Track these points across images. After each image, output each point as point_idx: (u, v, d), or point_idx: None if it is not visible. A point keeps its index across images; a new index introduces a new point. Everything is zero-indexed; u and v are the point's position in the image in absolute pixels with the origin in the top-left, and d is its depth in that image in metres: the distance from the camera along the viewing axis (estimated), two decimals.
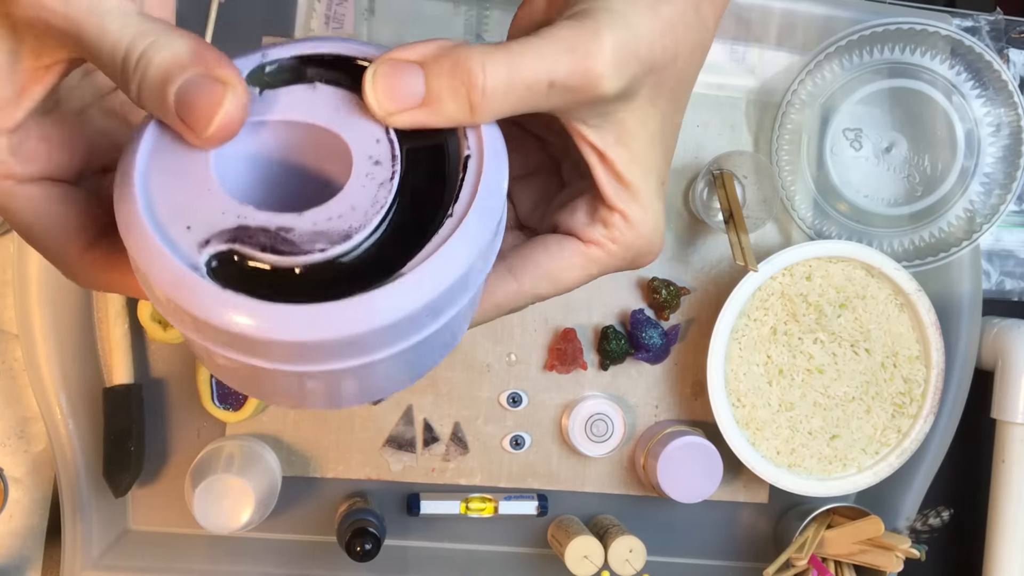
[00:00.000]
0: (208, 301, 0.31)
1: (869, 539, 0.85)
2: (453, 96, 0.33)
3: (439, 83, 0.33)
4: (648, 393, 0.88)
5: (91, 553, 0.80)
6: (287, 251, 0.32)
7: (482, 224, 0.33)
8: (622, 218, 0.39)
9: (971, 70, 0.84)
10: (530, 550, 0.88)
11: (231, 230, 0.32)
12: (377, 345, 0.32)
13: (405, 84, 0.33)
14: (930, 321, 0.84)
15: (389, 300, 0.31)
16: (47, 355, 0.78)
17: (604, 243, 0.39)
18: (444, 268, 0.32)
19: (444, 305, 0.33)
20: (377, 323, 0.31)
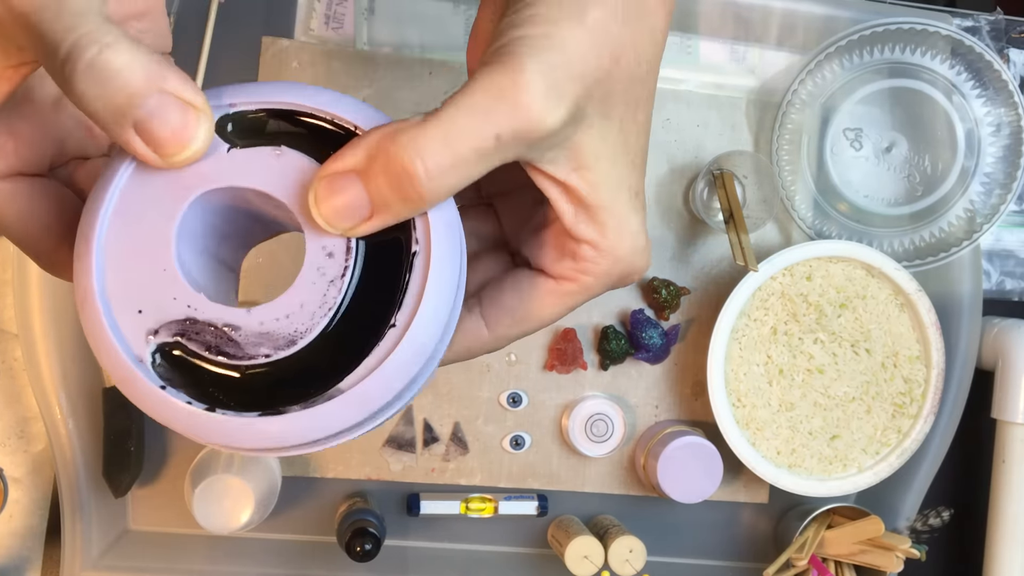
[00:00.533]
0: (149, 400, 0.32)
1: (869, 539, 0.85)
2: (398, 197, 0.32)
3: (380, 188, 0.32)
4: (648, 393, 0.88)
5: (91, 553, 0.80)
6: (231, 353, 0.32)
7: (427, 331, 0.33)
8: (591, 248, 0.36)
9: (971, 70, 0.84)
10: (530, 550, 0.88)
11: (180, 322, 0.32)
12: (315, 444, 0.33)
13: (348, 199, 0.32)
14: (930, 321, 0.84)
15: (326, 417, 0.32)
16: (47, 355, 0.78)
17: (576, 277, 0.37)
18: (384, 384, 0.32)
19: (385, 409, 0.33)
20: (311, 437, 0.32)
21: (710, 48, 0.86)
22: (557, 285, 0.38)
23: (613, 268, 0.37)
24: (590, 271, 0.37)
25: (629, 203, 0.37)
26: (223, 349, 0.32)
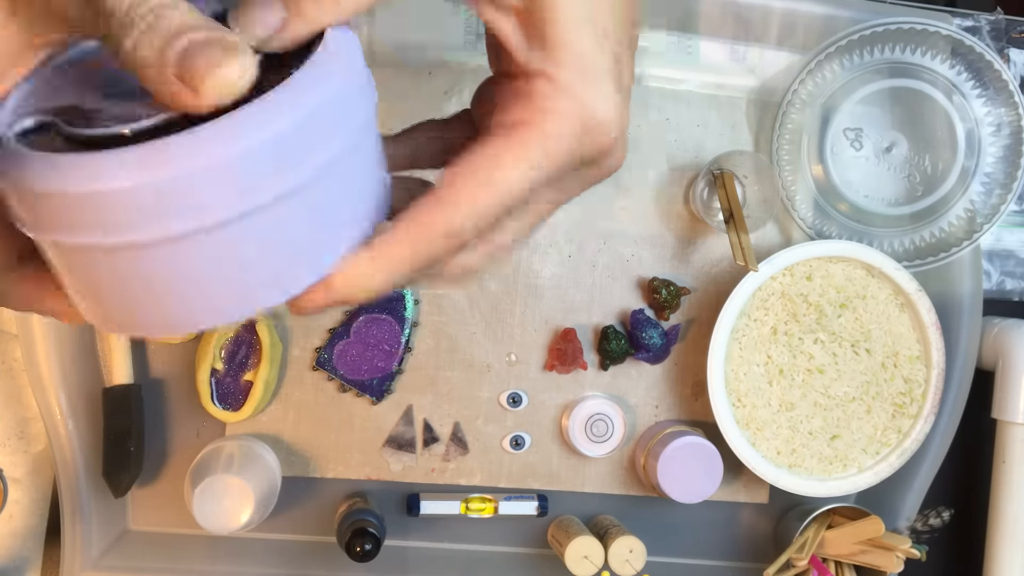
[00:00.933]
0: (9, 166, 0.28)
1: (869, 539, 0.85)
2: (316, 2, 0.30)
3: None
4: (648, 393, 0.88)
5: (91, 553, 0.80)
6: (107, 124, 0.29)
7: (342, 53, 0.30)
8: (545, 80, 0.32)
9: (972, 70, 0.84)
10: (530, 550, 0.88)
11: (57, 108, 0.30)
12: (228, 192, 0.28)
13: (264, 11, 0.31)
14: (930, 321, 0.84)
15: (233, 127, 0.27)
16: (47, 355, 0.78)
17: (531, 118, 0.31)
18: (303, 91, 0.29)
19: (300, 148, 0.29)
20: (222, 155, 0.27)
21: (710, 48, 0.86)
22: (510, 132, 0.32)
23: (573, 109, 0.32)
24: (547, 109, 0.32)
25: (593, 39, 0.32)
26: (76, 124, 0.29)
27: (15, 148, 0.28)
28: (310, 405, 0.84)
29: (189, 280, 0.29)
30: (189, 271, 0.29)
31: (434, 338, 0.85)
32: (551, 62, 0.32)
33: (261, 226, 0.29)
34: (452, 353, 0.85)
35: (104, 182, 0.27)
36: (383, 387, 0.84)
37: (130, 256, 0.28)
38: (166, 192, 0.27)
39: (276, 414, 0.84)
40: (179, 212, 0.27)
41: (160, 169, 0.27)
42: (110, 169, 0.27)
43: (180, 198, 0.27)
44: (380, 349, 0.83)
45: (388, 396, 0.85)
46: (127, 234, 0.28)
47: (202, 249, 0.28)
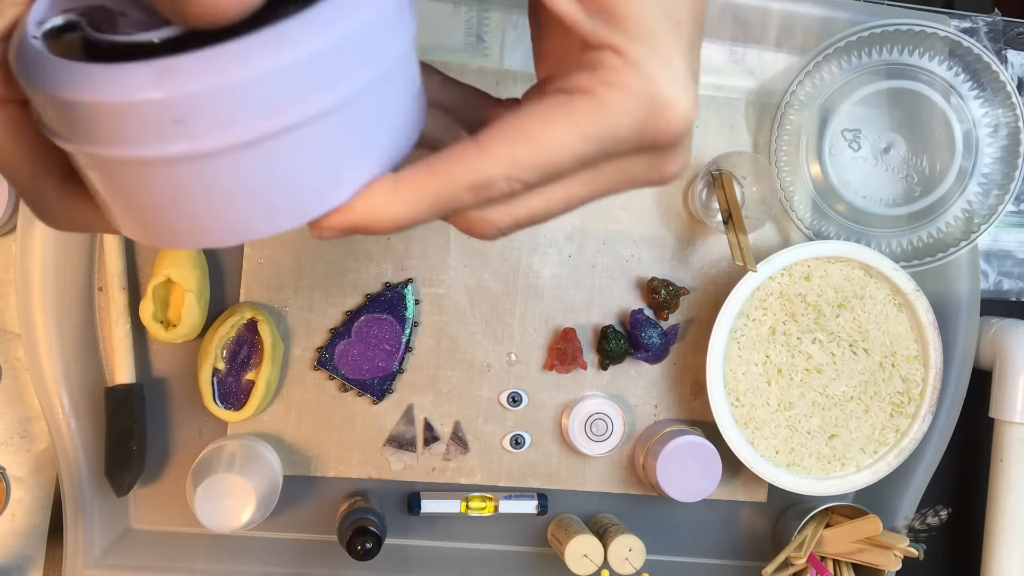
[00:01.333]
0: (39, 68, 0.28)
1: (867, 538, 0.85)
2: None
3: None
4: (647, 393, 0.88)
5: (93, 552, 0.80)
6: (134, 29, 0.28)
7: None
8: (613, 53, 0.29)
9: (969, 71, 0.84)
10: (530, 549, 0.88)
11: (83, 7, 0.29)
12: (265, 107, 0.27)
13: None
14: (928, 321, 0.85)
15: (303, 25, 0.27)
16: (49, 355, 0.78)
17: (594, 88, 0.29)
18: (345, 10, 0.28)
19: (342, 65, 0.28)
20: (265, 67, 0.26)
21: (709, 49, 0.86)
22: (570, 99, 0.29)
23: (641, 86, 0.29)
24: (613, 82, 0.29)
25: (666, 21, 0.30)
26: (102, 27, 0.29)
27: (46, 56, 0.28)
28: (311, 405, 0.85)
29: (218, 195, 0.28)
30: (218, 186, 0.28)
31: (435, 338, 0.85)
32: (620, 34, 0.29)
33: (292, 144, 0.28)
34: (453, 353, 0.86)
35: (143, 92, 0.26)
36: (384, 386, 0.84)
37: (164, 169, 0.28)
38: (204, 105, 0.26)
39: (277, 413, 0.84)
40: (212, 128, 0.27)
41: (201, 81, 0.26)
42: (147, 79, 0.26)
43: (215, 113, 0.27)
44: (381, 349, 0.84)
45: (389, 395, 0.85)
46: (164, 147, 0.27)
47: (232, 165, 0.28)
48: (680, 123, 0.30)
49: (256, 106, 0.27)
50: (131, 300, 0.81)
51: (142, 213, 0.30)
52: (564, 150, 0.30)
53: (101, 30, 0.29)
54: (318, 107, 0.28)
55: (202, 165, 0.27)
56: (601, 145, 0.30)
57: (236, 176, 0.28)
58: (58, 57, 0.28)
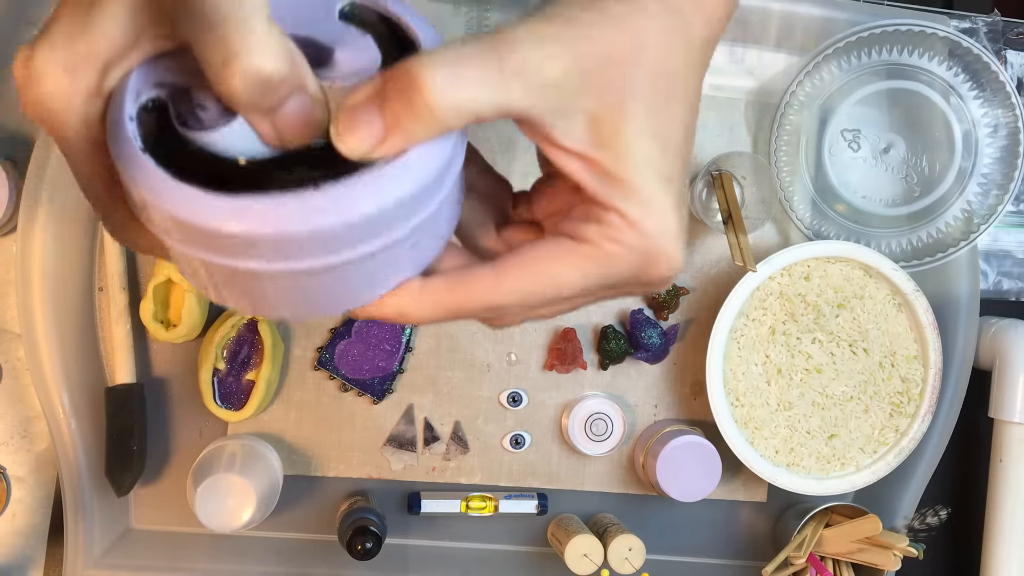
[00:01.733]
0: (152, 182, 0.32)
1: (867, 538, 0.85)
2: (410, 110, 0.33)
3: (392, 107, 0.33)
4: (647, 392, 0.88)
5: (93, 552, 0.80)
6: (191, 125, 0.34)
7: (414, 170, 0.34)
8: (617, 215, 0.35)
9: (969, 71, 0.84)
10: (530, 549, 0.88)
11: (170, 86, 0.34)
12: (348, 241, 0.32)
13: (366, 125, 0.33)
14: (928, 321, 0.85)
15: (367, 189, 0.32)
16: (49, 355, 0.78)
17: (599, 241, 0.36)
18: (416, 166, 0.33)
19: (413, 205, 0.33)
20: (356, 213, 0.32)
21: None
22: (577, 245, 0.36)
23: (638, 243, 0.36)
24: (615, 238, 0.35)
25: (658, 183, 0.36)
26: (188, 120, 0.34)
27: (140, 154, 0.32)
28: (311, 404, 0.85)
29: (273, 293, 0.34)
30: (274, 289, 0.34)
31: (435, 338, 0.86)
32: (621, 198, 0.35)
33: (340, 272, 0.34)
34: (452, 353, 0.86)
35: (223, 224, 0.31)
36: (384, 386, 0.84)
37: (228, 270, 0.33)
38: (274, 242, 0.32)
39: (278, 413, 0.84)
40: (276, 257, 0.32)
41: (273, 226, 0.31)
42: (228, 214, 0.31)
43: (282, 248, 0.32)
44: (381, 349, 0.84)
45: (389, 395, 0.85)
46: (231, 261, 0.32)
47: (290, 280, 0.33)
48: (669, 272, 0.36)
49: (315, 249, 0.32)
50: (131, 300, 0.81)
51: (205, 285, 0.35)
52: (570, 287, 0.36)
53: (187, 123, 0.34)
54: (369, 250, 0.33)
55: (261, 275, 0.33)
56: (601, 283, 0.36)
57: (291, 286, 0.34)
58: (147, 156, 0.32)
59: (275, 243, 0.31)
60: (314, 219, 0.31)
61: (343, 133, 0.33)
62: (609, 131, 0.35)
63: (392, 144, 0.33)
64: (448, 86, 0.33)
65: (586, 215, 0.36)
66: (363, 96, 0.34)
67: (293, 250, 0.32)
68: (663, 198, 0.36)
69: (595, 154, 0.35)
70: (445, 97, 0.33)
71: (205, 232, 0.31)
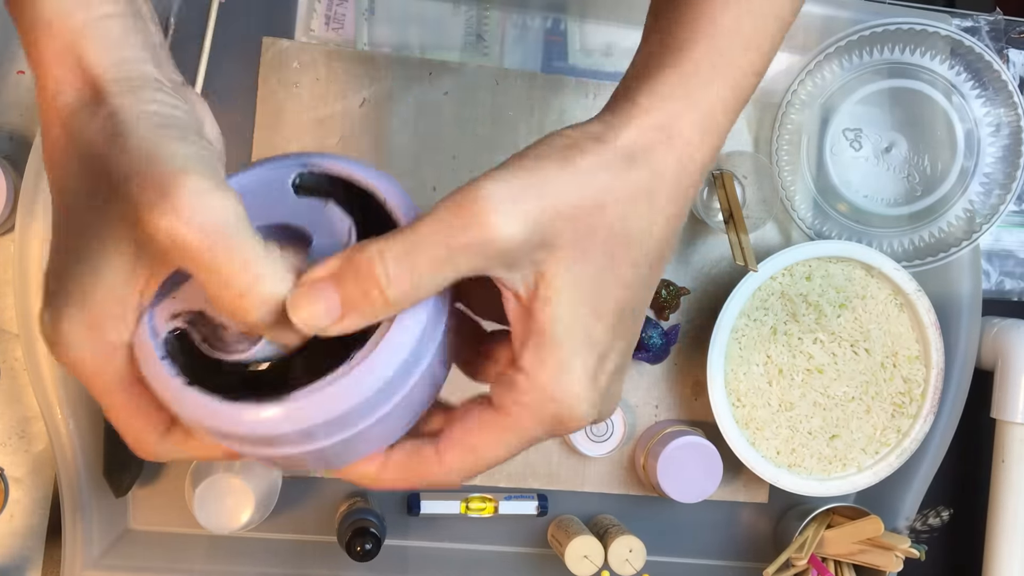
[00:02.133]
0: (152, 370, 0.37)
1: (869, 539, 0.85)
2: (365, 299, 0.35)
3: (348, 291, 0.35)
4: (648, 393, 0.88)
5: (92, 553, 0.80)
6: (218, 347, 0.38)
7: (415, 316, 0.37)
8: (524, 376, 0.37)
9: (971, 70, 0.84)
10: (530, 550, 0.88)
11: (194, 312, 0.38)
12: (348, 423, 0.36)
13: (322, 304, 0.35)
14: (930, 321, 0.84)
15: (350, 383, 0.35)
16: (48, 355, 0.78)
17: (510, 408, 0.37)
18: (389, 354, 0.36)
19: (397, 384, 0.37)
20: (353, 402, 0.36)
21: None
22: (495, 417, 0.38)
23: (544, 407, 0.37)
24: (520, 402, 0.37)
25: (580, 347, 0.37)
26: (213, 342, 0.37)
27: (188, 390, 0.36)
28: None
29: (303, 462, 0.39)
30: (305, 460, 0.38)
31: None
32: (536, 360, 0.36)
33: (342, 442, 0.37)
34: None
35: (267, 428, 0.36)
36: None
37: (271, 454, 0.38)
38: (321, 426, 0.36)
39: None
40: (306, 440, 0.36)
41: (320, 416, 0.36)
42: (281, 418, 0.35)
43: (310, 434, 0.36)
44: None
45: None
46: (271, 450, 0.37)
47: (320, 450, 0.37)
48: (579, 425, 0.38)
49: (340, 425, 0.36)
50: None
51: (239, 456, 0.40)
52: (502, 455, 0.38)
53: (213, 345, 0.37)
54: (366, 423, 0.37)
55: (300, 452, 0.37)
56: (525, 445, 0.38)
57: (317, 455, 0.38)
58: (193, 389, 0.36)
59: (326, 425, 0.36)
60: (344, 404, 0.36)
61: (299, 306, 0.35)
62: (550, 288, 0.36)
63: (348, 324, 0.35)
64: (402, 275, 0.34)
65: (504, 380, 0.38)
66: (322, 273, 0.35)
67: (318, 433, 0.36)
68: (579, 364, 0.37)
69: (528, 304, 0.37)
70: (400, 286, 0.35)
71: (258, 438, 0.36)
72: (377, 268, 0.34)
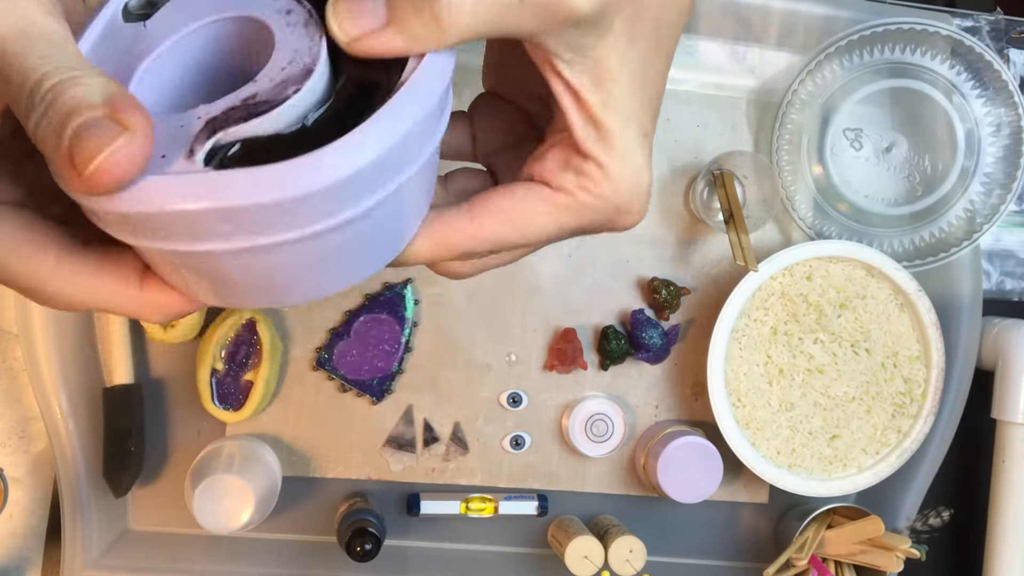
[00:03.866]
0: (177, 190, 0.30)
1: (869, 539, 0.85)
2: (418, 13, 0.32)
3: (399, 6, 0.32)
4: (648, 393, 0.88)
5: (91, 553, 0.80)
6: (265, 110, 0.32)
7: (426, 84, 0.33)
8: (596, 166, 0.36)
9: (971, 70, 0.84)
10: (530, 550, 0.88)
11: (204, 129, 0.32)
12: (329, 207, 0.31)
13: (365, 11, 0.32)
14: (930, 321, 0.84)
15: (336, 156, 0.30)
16: (47, 355, 0.78)
17: (575, 192, 0.36)
18: (389, 124, 0.31)
19: (391, 166, 0.32)
20: (324, 181, 0.30)
21: (710, 48, 0.86)
22: (553, 194, 0.36)
23: (613, 196, 0.36)
24: (591, 189, 0.36)
25: (637, 139, 0.36)
26: (257, 111, 0.32)
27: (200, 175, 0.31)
28: (310, 405, 0.84)
29: (296, 270, 0.33)
30: (296, 264, 0.33)
31: (434, 338, 0.85)
32: (603, 148, 0.35)
33: (364, 223, 0.33)
34: (452, 353, 0.85)
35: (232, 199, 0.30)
36: (383, 387, 0.84)
37: (250, 255, 0.32)
38: (283, 209, 0.30)
39: (276, 414, 0.84)
40: (291, 223, 0.31)
41: (282, 190, 0.30)
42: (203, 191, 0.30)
43: (293, 214, 0.31)
44: (380, 349, 0.83)
45: (388, 396, 0.85)
46: (252, 239, 0.31)
47: (309, 247, 0.32)
48: (634, 223, 0.38)
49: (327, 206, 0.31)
50: None
51: (226, 289, 0.34)
52: (542, 234, 0.37)
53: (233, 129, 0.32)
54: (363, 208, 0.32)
55: (286, 249, 0.32)
56: (572, 232, 0.37)
57: (311, 256, 0.33)
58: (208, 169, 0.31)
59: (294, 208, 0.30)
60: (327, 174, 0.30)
61: (341, 14, 0.32)
62: (607, 76, 0.35)
63: (388, 40, 0.32)
64: (466, 3, 0.32)
65: (564, 163, 0.36)
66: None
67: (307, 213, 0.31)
68: (639, 152, 0.36)
69: (588, 95, 0.35)
70: (458, 11, 0.32)
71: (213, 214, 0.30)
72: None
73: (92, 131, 0.28)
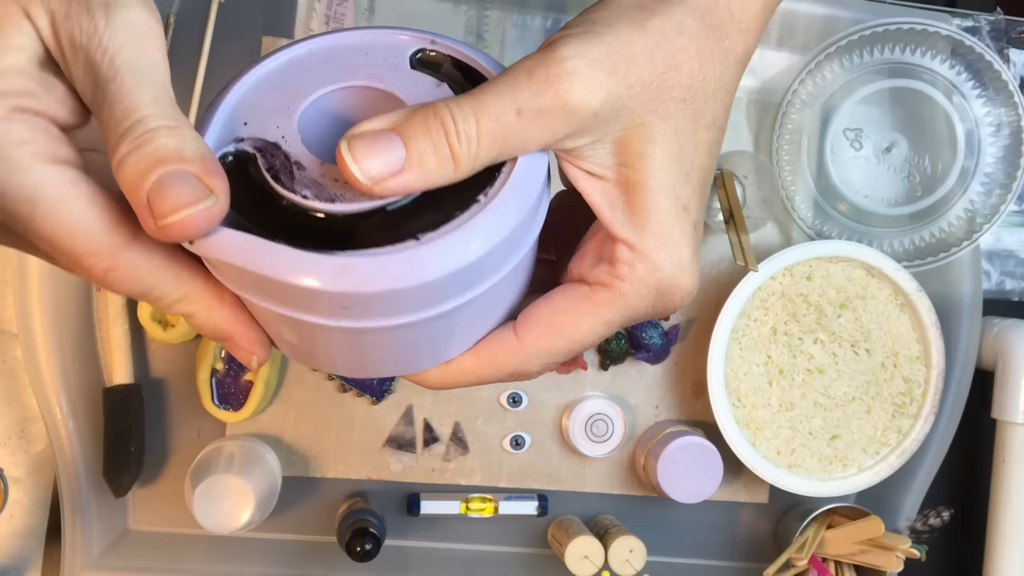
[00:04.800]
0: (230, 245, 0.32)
1: (869, 539, 0.85)
2: (434, 151, 0.32)
3: (416, 142, 0.32)
4: (648, 393, 0.88)
5: (91, 553, 0.80)
6: (286, 183, 0.33)
7: (525, 185, 0.33)
8: (627, 249, 0.35)
9: (971, 70, 0.84)
10: (530, 550, 0.88)
11: (266, 142, 0.33)
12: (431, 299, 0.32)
13: (384, 151, 0.32)
14: (930, 321, 0.84)
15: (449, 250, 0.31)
16: (47, 355, 0.78)
17: (611, 282, 0.35)
18: (497, 222, 0.32)
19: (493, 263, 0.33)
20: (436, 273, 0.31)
21: None
22: (592, 292, 0.35)
23: (650, 277, 0.35)
24: (626, 275, 0.35)
25: (674, 212, 0.35)
26: (280, 176, 0.33)
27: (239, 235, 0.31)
28: (310, 405, 0.84)
29: (376, 351, 0.34)
30: (380, 347, 0.34)
31: None
32: (634, 228, 0.35)
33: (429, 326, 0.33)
34: None
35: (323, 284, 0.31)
36: (383, 387, 0.84)
37: (338, 331, 0.33)
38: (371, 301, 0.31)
39: (276, 414, 0.84)
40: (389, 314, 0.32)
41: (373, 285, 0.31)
42: (328, 273, 0.31)
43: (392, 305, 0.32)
44: None
45: (388, 396, 0.85)
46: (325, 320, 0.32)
47: (396, 334, 0.33)
48: (683, 302, 0.36)
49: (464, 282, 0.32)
50: (129, 300, 0.81)
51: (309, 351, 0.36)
52: (592, 337, 0.36)
53: (279, 178, 0.33)
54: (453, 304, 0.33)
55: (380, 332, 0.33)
56: (622, 324, 0.36)
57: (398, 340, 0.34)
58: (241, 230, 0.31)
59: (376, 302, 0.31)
60: (421, 273, 0.31)
61: (357, 151, 0.31)
62: (633, 154, 0.34)
63: (409, 180, 0.32)
64: (481, 131, 0.32)
65: (599, 255, 0.36)
66: (380, 124, 0.32)
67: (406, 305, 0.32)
68: (677, 228, 0.35)
69: (614, 176, 0.35)
70: (472, 143, 0.32)
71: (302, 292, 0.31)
72: (446, 118, 0.32)
73: (177, 183, 0.30)
